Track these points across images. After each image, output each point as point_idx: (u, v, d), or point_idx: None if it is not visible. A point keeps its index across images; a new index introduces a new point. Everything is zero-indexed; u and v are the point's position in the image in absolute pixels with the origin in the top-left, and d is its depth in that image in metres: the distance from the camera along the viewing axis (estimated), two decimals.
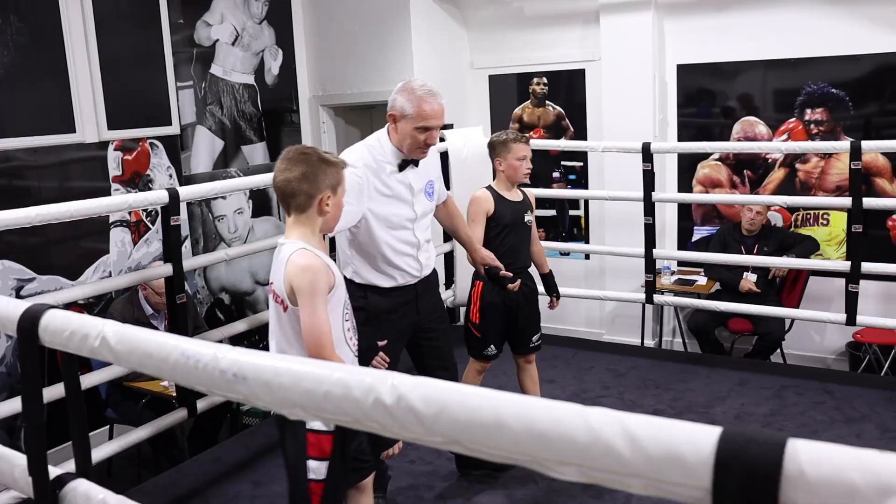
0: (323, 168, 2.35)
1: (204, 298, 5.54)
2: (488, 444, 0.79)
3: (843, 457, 0.65)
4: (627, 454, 0.71)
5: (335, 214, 2.43)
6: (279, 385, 0.94)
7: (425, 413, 0.82)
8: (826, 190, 5.56)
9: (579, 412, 0.75)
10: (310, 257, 2.31)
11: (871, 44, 5.23)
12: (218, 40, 5.54)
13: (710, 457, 0.68)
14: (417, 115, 2.85)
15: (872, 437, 3.89)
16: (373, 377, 0.87)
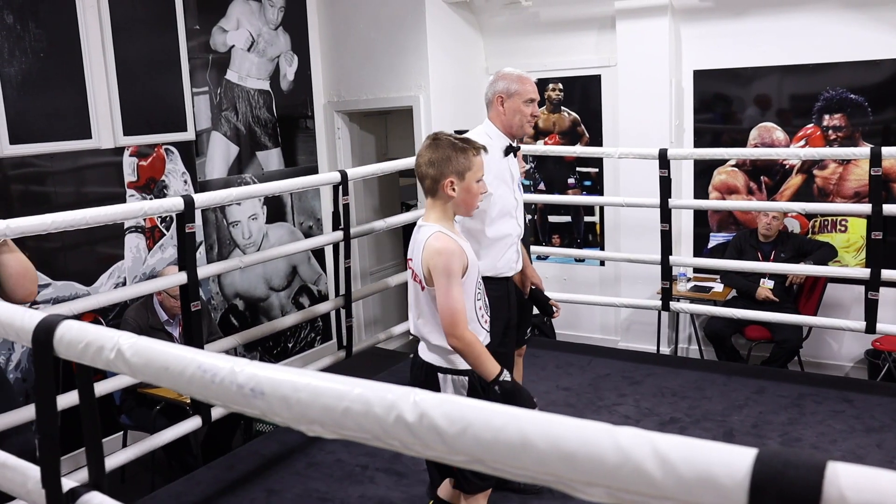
0: (449, 154, 2.51)
1: (218, 304, 5.54)
2: (513, 464, 0.76)
3: (885, 482, 0.62)
4: (659, 476, 0.68)
5: (465, 199, 2.56)
6: (297, 401, 0.92)
7: (448, 431, 0.80)
8: (844, 196, 5.50)
9: (608, 432, 0.72)
10: (445, 240, 2.48)
11: (891, 48, 5.19)
12: (234, 46, 5.55)
13: (745, 480, 0.66)
14: (523, 91, 3.18)
15: (893, 447, 3.83)
16: (394, 394, 0.86)
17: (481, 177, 2.57)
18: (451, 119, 5.97)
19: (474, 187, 2.56)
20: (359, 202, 6.53)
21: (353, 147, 6.50)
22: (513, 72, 3.23)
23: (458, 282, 2.45)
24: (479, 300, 2.60)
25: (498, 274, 3.22)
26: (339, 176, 4.20)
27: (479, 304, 2.61)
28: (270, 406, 0.95)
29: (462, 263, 2.48)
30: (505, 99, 3.18)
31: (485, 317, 2.66)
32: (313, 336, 6.30)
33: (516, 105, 3.17)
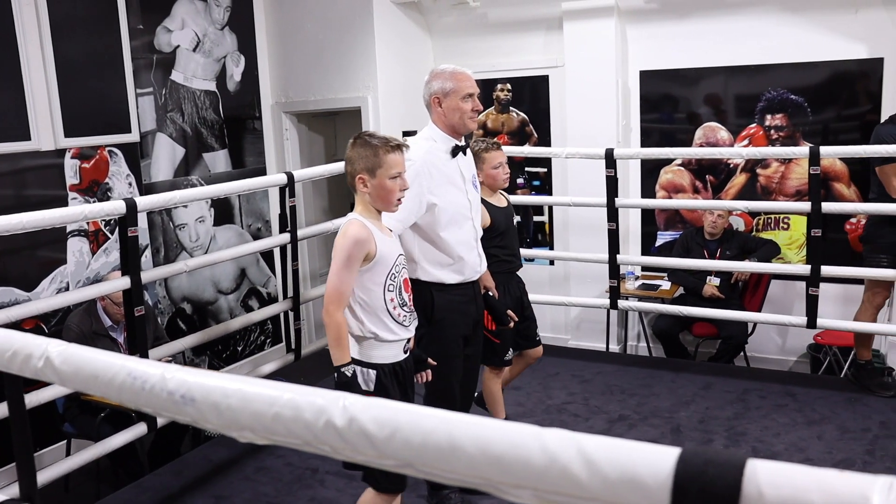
0: (360, 152, 2.61)
1: (165, 309, 5.45)
2: (442, 468, 0.76)
3: (802, 477, 0.63)
4: (584, 477, 0.69)
5: (380, 195, 2.61)
6: (228, 407, 0.91)
7: (378, 436, 0.80)
8: (786, 194, 5.62)
9: (535, 434, 0.73)
10: (355, 226, 2.57)
11: (828, 51, 5.32)
12: (179, 46, 5.46)
13: (668, 479, 0.66)
14: (459, 87, 3.10)
15: (833, 439, 3.93)
16: (324, 398, 0.85)
17: (397, 174, 2.60)
18: (399, 119, 5.96)
19: (388, 184, 2.60)
20: (308, 204, 6.49)
21: (301, 148, 6.44)
22: (446, 69, 3.16)
23: (351, 266, 2.54)
24: (390, 291, 2.65)
25: (464, 279, 3.20)
26: (285, 178, 4.16)
27: (390, 296, 2.65)
28: (201, 413, 0.93)
29: (364, 250, 2.55)
30: (442, 99, 3.12)
31: (400, 312, 2.68)
32: (263, 339, 6.23)
33: (454, 103, 3.10)
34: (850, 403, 4.32)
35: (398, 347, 2.74)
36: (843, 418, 4.15)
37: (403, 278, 2.73)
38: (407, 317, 2.74)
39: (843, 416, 4.18)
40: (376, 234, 2.62)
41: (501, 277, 3.68)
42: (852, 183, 5.45)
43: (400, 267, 2.71)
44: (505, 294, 3.70)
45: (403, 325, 2.72)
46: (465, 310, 3.23)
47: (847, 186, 5.47)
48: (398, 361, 2.74)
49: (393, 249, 2.69)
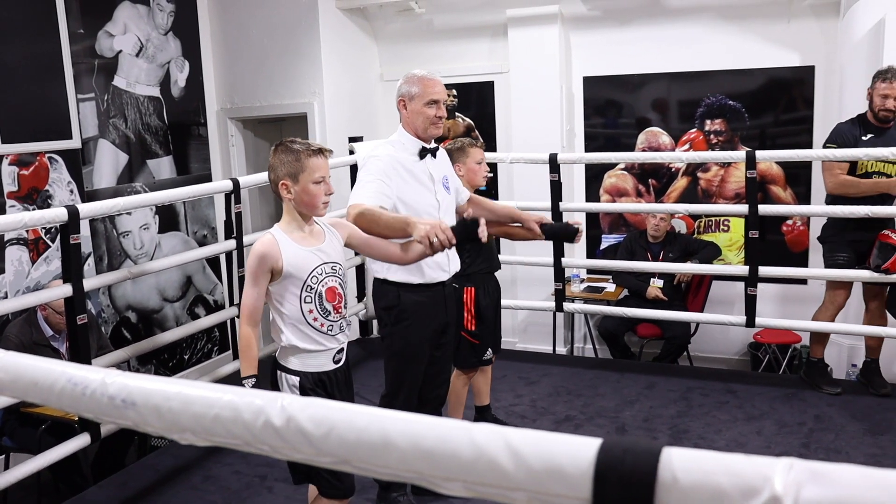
0: (282, 158, 2.59)
1: (109, 317, 5.36)
2: (376, 463, 0.79)
3: (712, 462, 0.68)
4: (511, 468, 0.72)
5: (304, 200, 2.59)
6: (169, 410, 0.92)
7: (314, 434, 0.82)
8: (726, 197, 5.77)
9: (464, 428, 0.76)
10: (263, 241, 2.58)
11: (763, 59, 5.49)
12: (121, 51, 5.39)
13: (589, 468, 0.70)
14: (424, 93, 3.13)
15: (771, 433, 4.05)
16: (263, 399, 0.87)
17: (320, 178, 2.58)
18: (345, 126, 5.97)
19: (311, 188, 2.57)
20: (255, 210, 6.45)
21: (247, 154, 6.41)
22: (416, 74, 3.19)
23: (257, 281, 2.56)
24: (307, 303, 2.61)
25: (427, 280, 3.19)
26: (230, 184, 4.14)
27: (308, 308, 2.61)
28: (142, 416, 0.94)
29: (267, 266, 2.56)
30: (407, 102, 3.15)
31: (320, 320, 2.63)
32: (210, 347, 6.17)
33: (418, 107, 3.13)
34: (787, 399, 4.45)
35: (325, 357, 2.68)
36: (781, 413, 4.27)
37: (327, 288, 2.65)
38: (333, 325, 2.68)
39: (780, 411, 4.31)
40: (288, 245, 2.59)
41: (479, 278, 3.73)
42: (788, 186, 5.62)
43: (322, 276, 2.64)
44: (485, 295, 3.75)
45: (329, 334, 2.67)
46: (432, 312, 3.23)
47: (783, 189, 5.64)
48: (326, 371, 2.69)
49: (309, 261, 2.62)
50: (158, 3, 5.65)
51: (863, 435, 3.98)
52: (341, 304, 2.71)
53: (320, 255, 2.65)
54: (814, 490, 0.65)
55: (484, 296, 3.76)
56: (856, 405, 4.31)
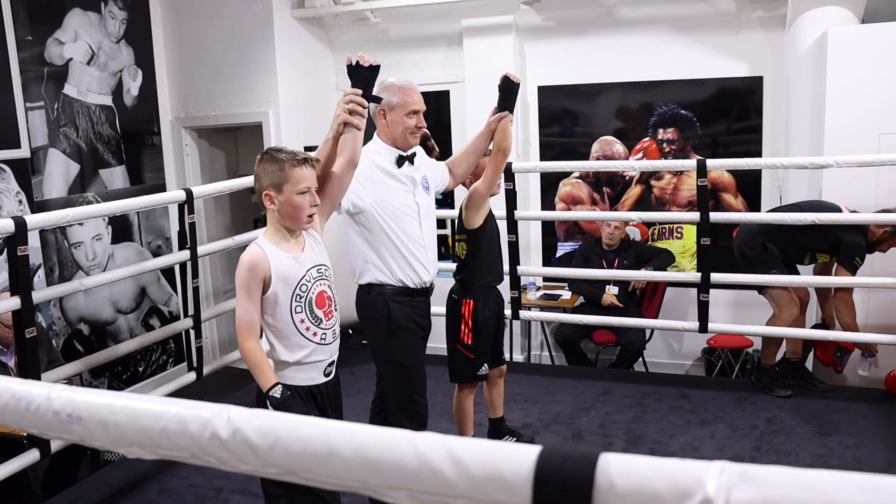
0: (266, 167, 2.53)
1: (60, 330, 5.27)
2: (322, 473, 0.80)
3: (647, 467, 0.70)
4: (453, 476, 0.73)
5: (289, 212, 2.54)
6: (115, 424, 0.92)
7: (260, 445, 0.82)
8: (679, 205, 5.87)
9: (408, 438, 0.77)
10: (251, 252, 2.52)
11: (713, 69, 5.60)
12: (72, 59, 5.31)
13: (529, 475, 0.72)
14: (405, 103, 3.10)
15: (724, 437, 4.11)
16: (210, 411, 0.87)
17: (305, 188, 2.52)
18: (301, 135, 5.94)
19: (296, 199, 2.52)
20: (210, 220, 6.39)
21: (202, 164, 6.35)
22: (395, 82, 3.13)
23: (250, 293, 2.50)
24: (298, 313, 2.56)
25: (416, 284, 3.18)
26: (183, 194, 4.10)
27: (299, 318, 2.56)
28: (88, 431, 0.94)
29: (259, 275, 2.50)
30: (387, 112, 3.10)
31: (312, 329, 2.59)
32: (165, 359, 6.10)
33: (398, 117, 3.10)
34: (739, 403, 4.53)
35: (316, 370, 2.63)
36: (734, 417, 4.35)
37: (317, 293, 2.61)
38: (326, 333, 2.63)
39: (733, 414, 4.38)
40: (276, 255, 2.54)
41: (480, 290, 3.64)
42: (739, 194, 5.73)
43: (312, 282, 2.60)
44: (485, 308, 3.65)
45: (322, 344, 2.62)
46: (420, 322, 3.24)
47: (735, 197, 5.75)
48: (316, 384, 2.63)
49: (297, 268, 2.57)
50: (110, 11, 5.58)
51: (811, 437, 4.07)
52: (332, 310, 2.67)
53: (306, 261, 2.61)
54: (744, 492, 0.67)
55: (483, 309, 3.63)
56: (805, 408, 4.41)
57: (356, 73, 2.68)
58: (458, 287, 3.69)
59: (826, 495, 0.66)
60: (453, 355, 3.70)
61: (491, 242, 3.67)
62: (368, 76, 2.69)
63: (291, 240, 2.61)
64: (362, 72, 2.68)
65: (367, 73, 2.68)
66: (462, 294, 3.64)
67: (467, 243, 3.63)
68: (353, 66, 2.70)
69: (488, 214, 3.64)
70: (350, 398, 4.76)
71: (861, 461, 3.77)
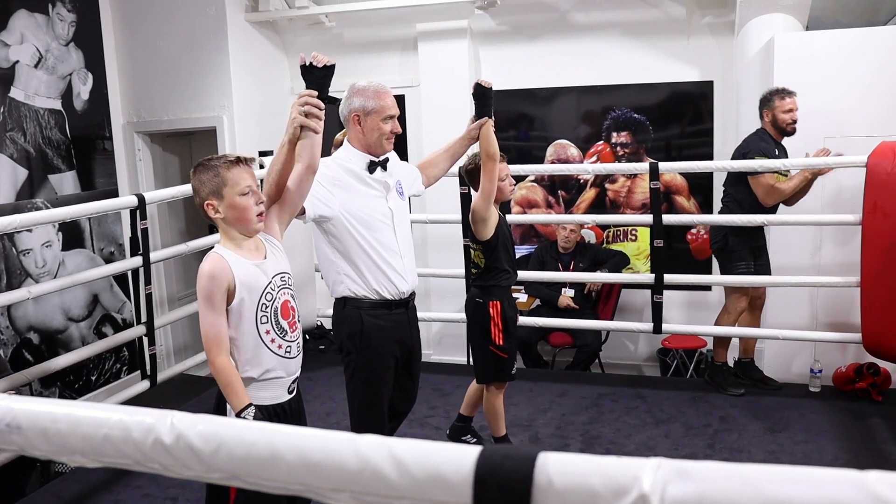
0: (201, 177, 2.39)
1: (9, 339, 5.15)
2: (265, 477, 0.80)
3: (585, 465, 0.71)
4: (395, 478, 0.74)
5: (235, 216, 2.40)
6: (57, 432, 0.90)
7: (204, 450, 0.82)
8: (633, 207, 5.94)
9: (350, 440, 0.78)
10: (211, 262, 2.36)
11: (665, 73, 5.69)
12: (18, 62, 5.21)
13: (469, 475, 0.73)
14: (381, 108, 2.98)
15: (678, 436, 4.18)
16: (153, 417, 0.86)
17: (247, 188, 2.40)
18: (256, 139, 5.91)
19: (239, 201, 2.39)
20: (163, 225, 6.31)
21: (155, 169, 6.27)
22: (368, 86, 3.02)
23: (213, 305, 2.34)
24: (264, 323, 2.43)
25: (393, 295, 3.08)
26: (136, 200, 4.05)
27: (264, 328, 2.43)
28: (28, 440, 0.92)
29: (222, 284, 2.35)
30: (362, 117, 2.98)
31: (277, 341, 2.47)
32: (119, 367, 6.00)
33: (374, 123, 2.97)
34: (693, 402, 4.60)
35: (280, 387, 2.51)
36: (688, 416, 4.42)
37: (282, 301, 2.49)
38: (291, 346, 2.51)
39: (687, 414, 4.45)
40: (238, 262, 2.40)
41: (501, 291, 3.65)
42: (692, 196, 5.82)
43: (276, 290, 2.48)
44: (510, 307, 3.68)
45: (287, 358, 2.50)
46: (397, 336, 3.12)
47: (687, 199, 5.84)
48: (280, 403, 2.51)
49: (260, 276, 2.44)
50: (58, 13, 5.48)
51: (763, 433, 4.15)
52: (296, 321, 2.55)
53: (269, 268, 2.48)
54: (679, 487, 0.69)
55: (509, 308, 3.66)
56: (757, 406, 4.49)
57: (310, 74, 2.57)
58: (480, 291, 3.67)
59: (757, 488, 0.68)
60: (483, 357, 3.69)
61: (505, 246, 3.66)
62: (323, 76, 2.57)
63: (250, 247, 2.48)
64: (316, 72, 2.56)
65: (321, 74, 2.57)
66: (487, 297, 3.63)
67: (483, 253, 3.62)
68: (306, 67, 2.58)
69: (499, 220, 3.61)
70: (307, 404, 4.73)
71: (810, 456, 3.85)
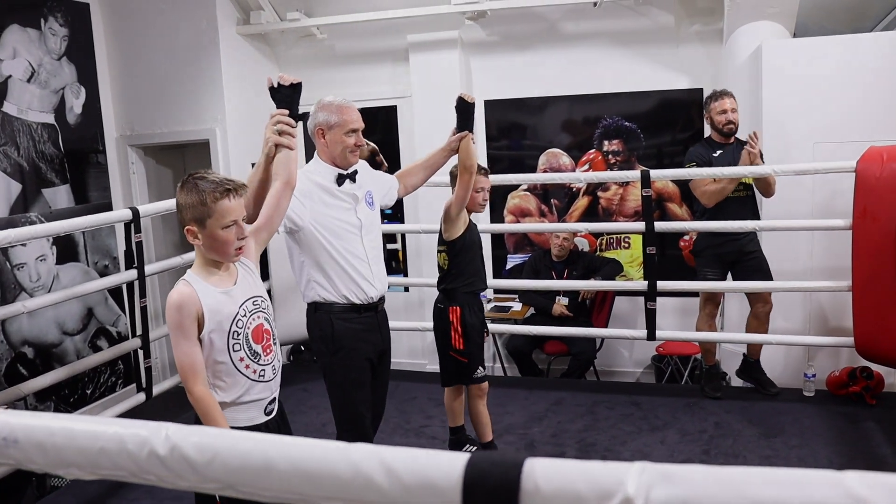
0: (190, 199, 2.34)
1: (3, 353, 5.15)
2: (260, 486, 0.82)
3: (571, 470, 0.73)
4: (386, 485, 0.76)
5: (213, 247, 2.36)
6: (53, 445, 0.92)
7: (198, 461, 0.84)
8: (625, 215, 5.97)
9: (342, 449, 0.79)
10: (179, 291, 2.33)
11: (655, 81, 5.73)
12: (11, 76, 5.22)
13: (458, 481, 0.75)
14: (343, 122, 3.09)
15: (674, 442, 4.19)
16: (148, 429, 0.88)
17: (231, 222, 2.35)
18: (248, 152, 5.92)
19: (220, 234, 2.34)
20: (158, 238, 6.32)
21: (149, 182, 6.28)
22: (333, 101, 3.13)
23: (186, 333, 2.31)
24: (236, 351, 2.40)
25: (361, 300, 3.16)
26: (130, 213, 4.07)
27: (238, 356, 2.40)
28: (26, 454, 0.94)
29: (192, 313, 2.32)
30: (326, 131, 3.09)
31: (251, 366, 2.44)
32: (114, 380, 5.99)
33: (338, 137, 3.08)
34: (688, 408, 4.62)
35: (256, 409, 2.47)
36: (683, 422, 4.43)
37: (254, 326, 2.45)
38: (265, 370, 2.47)
39: (682, 420, 4.47)
40: (206, 291, 2.36)
41: (463, 297, 3.75)
42: (684, 203, 5.85)
43: (248, 316, 2.44)
44: (471, 314, 3.76)
45: (260, 381, 2.46)
46: (368, 338, 3.21)
47: (679, 206, 5.87)
48: (257, 424, 2.47)
49: (230, 304, 2.40)
50: (51, 28, 5.50)
51: (758, 439, 4.16)
52: (271, 343, 2.50)
53: (238, 295, 2.44)
54: (663, 490, 0.71)
55: (470, 314, 3.76)
56: (752, 411, 4.51)
57: (279, 94, 2.68)
58: (443, 296, 3.81)
59: (739, 491, 0.70)
60: (446, 362, 3.79)
61: (471, 252, 3.77)
62: (291, 94, 2.68)
63: (221, 272, 2.45)
64: (285, 91, 2.67)
65: (289, 92, 2.68)
66: (448, 302, 3.75)
67: (447, 254, 3.77)
68: (274, 88, 2.69)
69: (469, 226, 3.77)
70: (303, 415, 4.75)
71: (804, 460, 3.87)
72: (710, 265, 4.68)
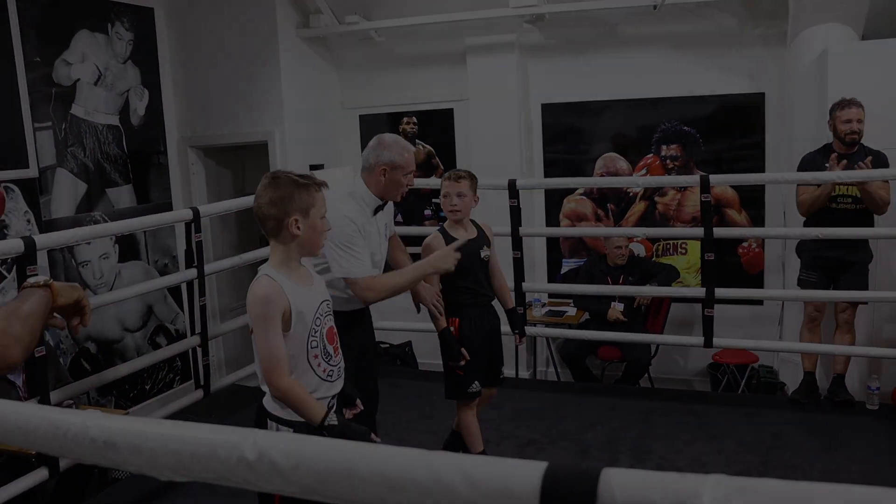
0: (291, 191, 2.39)
1: (68, 348, 5.30)
2: (343, 492, 0.84)
3: (647, 480, 0.74)
4: (465, 492, 0.77)
5: (310, 237, 2.45)
6: (148, 449, 0.97)
7: (285, 466, 0.87)
8: (683, 221, 5.90)
9: (423, 456, 0.81)
10: (265, 285, 2.37)
11: (716, 85, 5.65)
12: (79, 80, 5.37)
13: (536, 489, 0.76)
14: (406, 165, 3.25)
15: (730, 452, 4.12)
16: (237, 435, 0.92)
17: (325, 213, 2.47)
18: (307, 153, 6.00)
19: (319, 224, 2.45)
20: (216, 238, 6.43)
21: (208, 182, 6.40)
22: (397, 143, 3.27)
23: (272, 326, 2.34)
24: (314, 348, 2.46)
25: (353, 307, 3.27)
26: (190, 213, 4.14)
27: (313, 353, 2.46)
28: (123, 457, 0.99)
29: (279, 306, 2.36)
30: (388, 170, 3.21)
31: (322, 366, 2.50)
32: (171, 377, 6.12)
33: (398, 177, 3.24)
34: (747, 418, 4.54)
35: None
36: (741, 432, 4.36)
37: (327, 327, 2.53)
38: (333, 371, 2.54)
39: (740, 430, 4.39)
40: (290, 287, 2.40)
41: (462, 309, 3.68)
42: (743, 209, 5.76)
43: (324, 316, 2.51)
44: (470, 325, 3.68)
45: (329, 381, 2.52)
46: (353, 334, 3.25)
47: (738, 212, 5.78)
48: None
49: (311, 302, 2.46)
50: (117, 32, 5.65)
51: (819, 451, 4.07)
52: (338, 346, 2.59)
53: (317, 295, 2.51)
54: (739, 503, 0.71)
55: (469, 326, 3.67)
56: (812, 423, 4.42)
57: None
58: (445, 306, 3.67)
59: None
60: (446, 374, 3.73)
61: (468, 265, 3.60)
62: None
63: (302, 272, 2.51)
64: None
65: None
66: (448, 313, 3.66)
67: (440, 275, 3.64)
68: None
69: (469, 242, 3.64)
70: None
71: (868, 476, 3.77)
72: (808, 268, 4.63)
